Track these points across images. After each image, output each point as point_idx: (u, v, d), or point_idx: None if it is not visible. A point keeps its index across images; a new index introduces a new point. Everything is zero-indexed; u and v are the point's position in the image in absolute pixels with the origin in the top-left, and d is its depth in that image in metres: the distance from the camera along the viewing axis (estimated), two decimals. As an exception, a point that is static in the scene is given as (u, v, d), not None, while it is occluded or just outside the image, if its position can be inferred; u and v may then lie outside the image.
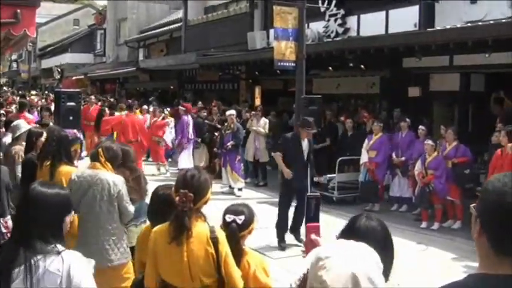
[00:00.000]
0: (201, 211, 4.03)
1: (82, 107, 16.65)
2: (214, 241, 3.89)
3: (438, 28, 13.72)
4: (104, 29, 42.15)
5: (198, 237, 3.88)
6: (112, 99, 28.58)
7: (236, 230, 4.20)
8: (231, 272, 3.92)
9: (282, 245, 10.38)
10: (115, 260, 5.48)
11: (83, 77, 40.65)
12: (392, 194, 13.82)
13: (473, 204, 2.24)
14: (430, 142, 11.93)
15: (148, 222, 5.05)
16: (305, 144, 10.66)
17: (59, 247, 3.17)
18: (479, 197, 2.21)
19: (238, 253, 4.15)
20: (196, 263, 3.87)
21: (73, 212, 3.49)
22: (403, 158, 13.27)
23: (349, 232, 2.72)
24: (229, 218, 4.25)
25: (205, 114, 18.78)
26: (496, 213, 2.10)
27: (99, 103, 24.19)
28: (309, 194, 10.04)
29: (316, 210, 9.69)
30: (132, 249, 5.55)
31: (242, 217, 4.25)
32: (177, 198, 3.88)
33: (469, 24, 12.68)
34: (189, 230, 3.86)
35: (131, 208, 5.62)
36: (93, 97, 23.68)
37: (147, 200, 5.35)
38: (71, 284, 3.08)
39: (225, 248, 3.92)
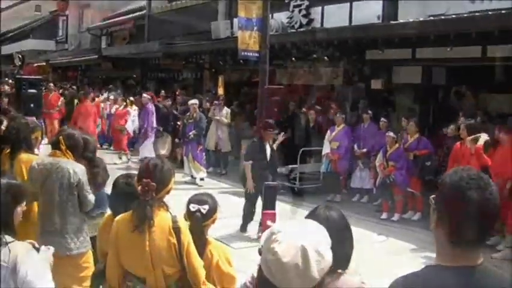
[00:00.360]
0: (164, 201, 4.02)
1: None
2: (177, 231, 3.89)
3: (401, 21, 13.83)
4: (67, 16, 41.52)
5: (160, 227, 3.87)
6: (74, 87, 28.27)
7: (200, 220, 4.21)
8: (193, 262, 3.92)
9: (242, 232, 10.66)
10: (74, 249, 5.43)
11: (44, 63, 40.07)
12: (354, 185, 13.93)
13: (432, 196, 2.29)
14: (391, 134, 12.04)
15: (108, 213, 5.00)
16: (268, 147, 10.69)
17: (8, 238, 3.12)
18: (438, 189, 2.26)
19: (201, 243, 4.17)
20: (158, 253, 3.86)
21: (25, 203, 3.43)
22: (364, 150, 13.39)
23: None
24: (193, 207, 4.25)
25: (169, 103, 18.69)
26: (451, 206, 2.15)
27: (61, 90, 23.94)
28: (266, 182, 10.09)
29: (272, 199, 9.76)
30: (91, 239, 5.51)
31: (206, 207, 4.25)
32: (140, 188, 3.87)
33: (432, 18, 12.79)
34: (151, 220, 3.84)
35: (91, 197, 5.56)
36: (51, 84, 23.32)
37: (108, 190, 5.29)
38: (16, 275, 3.05)
39: (187, 237, 3.92)
